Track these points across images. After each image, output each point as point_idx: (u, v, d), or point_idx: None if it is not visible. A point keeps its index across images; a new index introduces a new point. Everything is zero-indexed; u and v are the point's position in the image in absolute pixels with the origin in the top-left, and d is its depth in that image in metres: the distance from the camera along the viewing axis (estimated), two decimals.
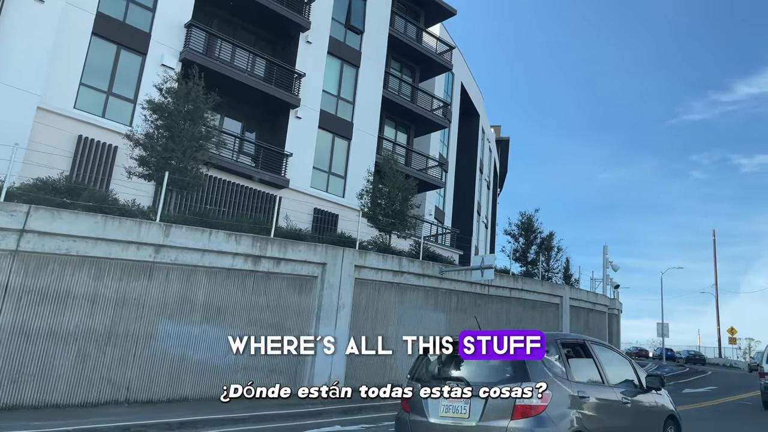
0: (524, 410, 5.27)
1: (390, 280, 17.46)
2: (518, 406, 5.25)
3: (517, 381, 5.42)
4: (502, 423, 5.26)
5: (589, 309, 28.85)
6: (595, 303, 29.66)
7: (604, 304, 31.23)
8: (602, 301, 31.05)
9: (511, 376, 5.50)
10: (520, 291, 22.67)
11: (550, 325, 24.64)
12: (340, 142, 24.32)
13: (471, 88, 37.74)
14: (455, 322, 19.57)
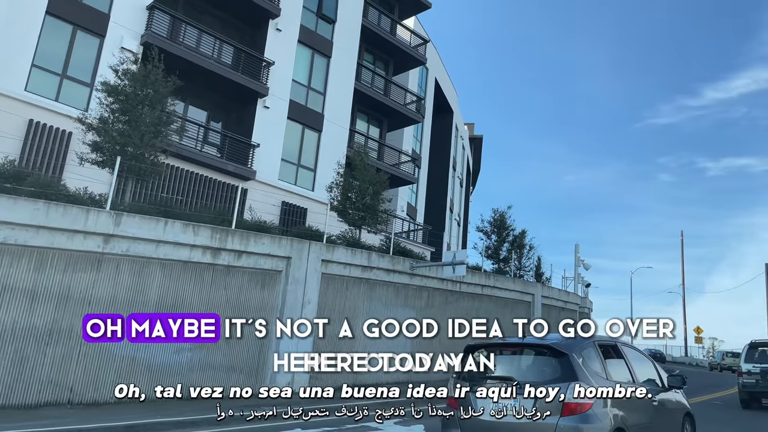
0: (573, 408, 5.50)
1: (359, 276, 16.68)
2: (567, 404, 5.48)
3: (565, 380, 5.67)
4: (552, 420, 5.48)
5: (560, 307, 28.43)
6: (567, 301, 29.27)
7: (575, 302, 30.88)
8: (573, 300, 30.69)
9: (560, 375, 5.77)
10: (492, 288, 22.07)
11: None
12: (310, 133, 23.43)
13: (445, 84, 37.12)
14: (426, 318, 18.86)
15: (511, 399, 5.72)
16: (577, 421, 5.52)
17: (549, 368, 6.00)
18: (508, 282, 23.24)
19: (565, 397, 5.57)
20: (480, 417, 5.90)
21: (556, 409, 5.57)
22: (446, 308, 19.73)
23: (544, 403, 5.59)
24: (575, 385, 5.64)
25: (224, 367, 13.16)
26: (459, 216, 42.50)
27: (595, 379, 5.92)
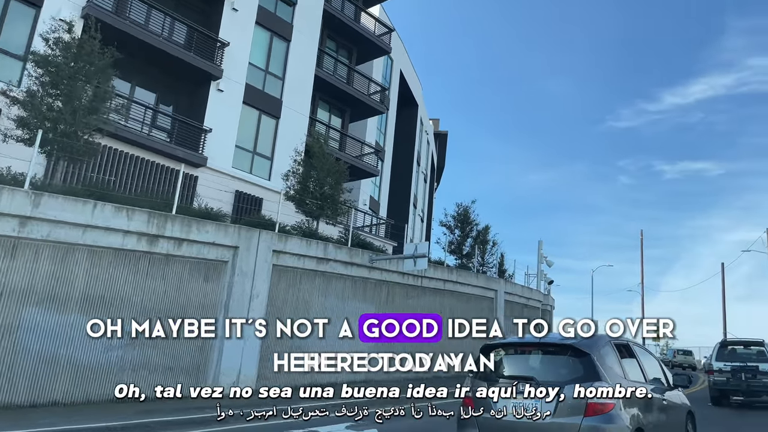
0: (596, 408, 5.38)
1: (314, 268, 15.51)
2: (591, 404, 5.37)
3: (588, 380, 5.54)
4: (575, 420, 5.38)
5: (523, 304, 27.72)
6: (530, 298, 28.59)
7: (538, 299, 30.24)
8: (536, 297, 30.05)
9: (582, 375, 5.63)
10: (454, 284, 21.14)
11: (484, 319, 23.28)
12: (267, 120, 22.12)
13: (410, 77, 36.12)
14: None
15: (532, 399, 5.58)
16: (600, 422, 5.39)
17: (570, 368, 5.86)
18: (471, 277, 22.35)
19: (588, 397, 5.43)
20: (499, 417, 5.72)
21: (579, 409, 5.44)
22: (407, 304, 18.71)
23: (566, 404, 5.46)
24: (599, 385, 5.51)
25: (161, 367, 11.86)
26: (423, 212, 41.61)
27: (615, 379, 5.77)
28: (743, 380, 14.87)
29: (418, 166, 38.91)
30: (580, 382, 5.54)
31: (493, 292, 24.00)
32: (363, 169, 26.60)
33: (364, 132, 29.35)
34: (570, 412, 5.46)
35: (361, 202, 28.70)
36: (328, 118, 26.83)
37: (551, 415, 5.49)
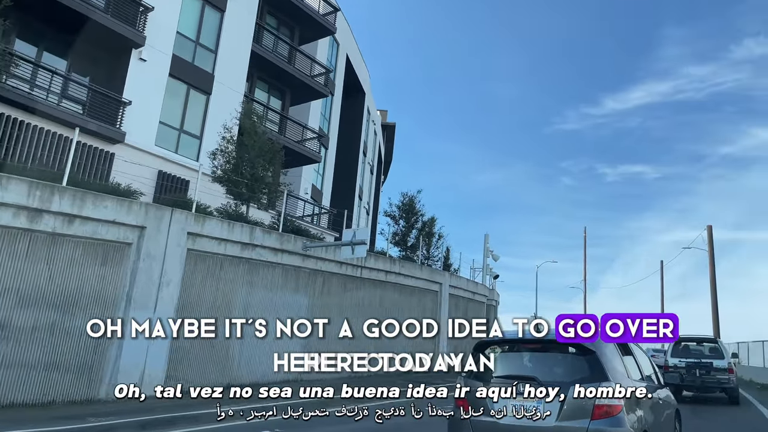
0: (604, 410, 4.93)
1: (238, 255, 13.70)
2: (598, 406, 4.91)
3: (594, 380, 5.09)
4: (582, 423, 4.92)
5: (468, 298, 26.51)
6: (475, 292, 27.41)
7: (483, 294, 29.12)
8: (482, 291, 28.91)
9: (589, 375, 5.16)
10: (396, 275, 19.64)
11: (428, 313, 21.86)
12: (196, 96, 20.07)
13: (357, 63, 34.47)
14: (320, 307, 16.13)
15: (534, 400, 5.11)
16: (608, 425, 4.92)
17: (574, 367, 5.37)
18: (414, 269, 20.91)
19: (596, 398, 4.96)
20: (497, 419, 5.27)
21: (585, 411, 4.98)
22: (345, 296, 17.09)
23: (571, 405, 5.00)
24: (606, 385, 5.03)
25: (42, 365, 9.86)
26: (368, 204, 40.04)
27: (619, 378, 5.27)
28: (698, 376, 14.87)
29: (364, 157, 37.32)
30: (585, 382, 5.05)
31: (437, 285, 22.64)
32: (304, 154, 24.86)
33: (307, 116, 27.51)
34: (575, 414, 4.98)
35: (303, 191, 26.91)
36: (267, 99, 24.91)
37: (555, 418, 5.02)
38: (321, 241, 18.52)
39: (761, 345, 23.20)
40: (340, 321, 14.20)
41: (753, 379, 23.16)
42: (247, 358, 13.64)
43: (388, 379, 6.30)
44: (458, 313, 25.12)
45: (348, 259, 16.25)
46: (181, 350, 11.94)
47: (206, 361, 12.45)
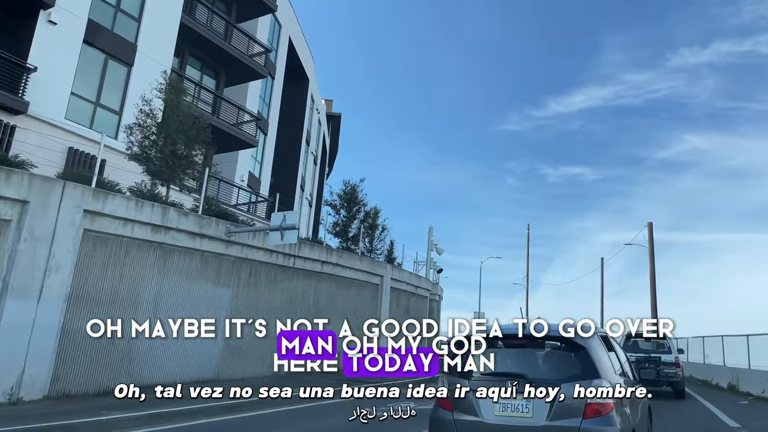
0: (596, 409, 4.64)
1: (148, 238, 11.96)
2: (590, 404, 4.62)
3: (585, 378, 4.78)
4: (573, 423, 4.62)
5: (411, 292, 25.31)
6: (418, 286, 26.23)
7: (426, 288, 27.99)
8: (425, 285, 27.77)
9: (580, 372, 4.85)
10: (334, 266, 18.18)
11: (367, 307, 20.52)
12: (116, 67, 18.05)
13: (301, 48, 32.78)
14: (246, 300, 14.52)
15: (523, 399, 4.76)
16: (601, 424, 4.63)
17: (566, 364, 5.07)
18: (354, 260, 19.49)
19: (588, 396, 4.63)
20: (483, 419, 4.91)
21: (577, 410, 4.66)
22: (275, 287, 15.53)
23: (563, 404, 4.66)
24: (600, 383, 4.74)
25: None
26: (311, 196, 38.38)
27: (608, 375, 4.99)
28: (648, 370, 14.36)
29: (307, 146, 35.64)
30: (577, 380, 4.78)
31: (378, 278, 21.31)
32: (240, 138, 23.12)
33: (245, 99, 25.65)
34: (566, 413, 4.70)
35: (239, 178, 25.09)
36: (200, 77, 23.00)
37: (545, 417, 4.74)
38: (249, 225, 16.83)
39: (701, 341, 22.93)
40: (270, 316, 12.68)
41: (693, 375, 22.85)
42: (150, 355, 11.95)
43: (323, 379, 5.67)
44: (400, 308, 23.87)
45: (278, 246, 14.71)
46: (71, 347, 10.16)
47: (103, 360, 10.69)
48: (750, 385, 17.46)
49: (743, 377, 18.26)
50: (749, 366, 18.26)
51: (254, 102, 26.50)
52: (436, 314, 33.49)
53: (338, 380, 5.76)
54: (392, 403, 5.50)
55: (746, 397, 16.77)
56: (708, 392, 18.29)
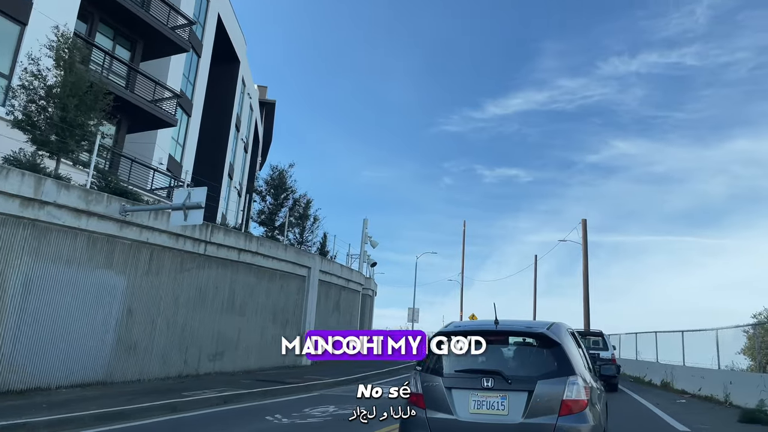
0: (571, 406, 4.51)
1: (16, 214, 9.85)
2: (566, 401, 4.51)
3: (561, 374, 4.64)
4: (550, 420, 4.48)
5: (342, 286, 23.71)
6: (350, 280, 24.65)
7: (359, 282, 26.45)
8: (357, 279, 26.22)
9: (556, 369, 4.69)
10: (254, 255, 16.36)
11: (291, 302, 18.77)
12: (6, 24, 15.61)
13: (232, 28, 30.60)
14: (145, 291, 12.53)
15: (498, 396, 4.62)
16: (576, 421, 4.48)
17: (541, 360, 4.89)
18: (277, 249, 17.71)
19: (564, 394, 4.51)
20: (457, 418, 4.69)
21: (553, 407, 4.50)
22: (182, 277, 13.60)
23: (539, 401, 4.53)
24: (575, 380, 4.60)
25: None
26: (241, 185, 36.14)
27: (583, 372, 4.83)
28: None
29: (237, 132, 33.44)
30: (552, 377, 4.60)
31: (305, 269, 19.60)
32: (157, 116, 20.91)
33: (166, 75, 23.41)
34: (542, 411, 4.50)
35: (157, 160, 22.77)
36: (112, 47, 20.61)
37: (521, 415, 4.54)
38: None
39: (634, 337, 22.44)
40: (175, 309, 10.62)
41: (625, 371, 22.31)
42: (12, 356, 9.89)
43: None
44: (329, 302, 22.23)
45: (185, 229, 12.82)
46: None
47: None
48: (685, 383, 16.84)
49: (678, 374, 17.65)
50: (684, 363, 17.69)
51: (176, 79, 24.23)
52: (369, 310, 32.02)
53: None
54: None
55: (682, 395, 16.11)
56: (642, 389, 17.60)
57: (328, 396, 12.81)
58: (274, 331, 17.63)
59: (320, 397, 12.68)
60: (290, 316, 18.69)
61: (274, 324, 17.62)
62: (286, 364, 18.50)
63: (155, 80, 21.33)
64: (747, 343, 22.99)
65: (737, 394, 13.26)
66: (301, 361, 19.16)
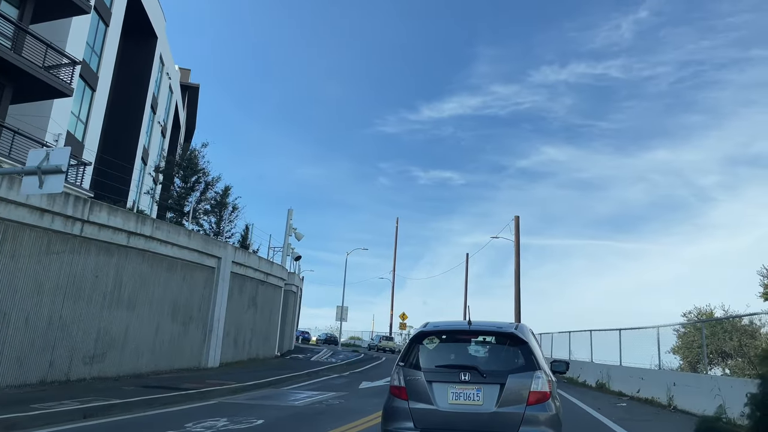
0: (538, 397, 5.00)
1: None
2: (532, 392, 5.01)
3: (528, 369, 5.16)
4: (519, 409, 4.97)
5: (260, 280, 21.35)
6: (269, 274, 22.30)
7: (280, 276, 24.10)
8: (279, 273, 23.88)
9: (523, 365, 5.23)
10: (148, 240, 13.87)
11: (196, 296, 16.31)
12: None
13: (149, 1, 27.67)
14: None
15: (474, 388, 5.07)
16: (540, 410, 4.99)
17: (510, 357, 5.33)
18: (178, 235, 15.23)
19: (531, 386, 5.01)
20: (437, 408, 5.11)
21: (522, 398, 4.98)
22: (48, 262, 11.01)
23: (510, 393, 5.00)
24: (540, 374, 5.10)
25: None
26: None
27: (545, 367, 5.34)
28: None
29: (153, 114, 30.40)
30: (521, 371, 5.13)
31: (214, 260, 17.18)
32: (49, 83, 18.02)
33: (65, 42, 20.44)
34: (512, 401, 4.99)
35: (51, 137, 19.82)
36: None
37: (494, 404, 5.00)
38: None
39: (567, 336, 21.28)
40: (39, 300, 8.09)
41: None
42: None
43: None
44: (243, 297, 19.84)
45: (49, 201, 10.28)
46: None
47: None
48: (622, 384, 15.60)
49: (614, 375, 16.42)
50: (620, 363, 16.48)
51: (78, 47, 21.25)
52: (293, 307, 29.70)
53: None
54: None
55: (620, 397, 14.82)
56: (578, 391, 16.26)
57: (227, 405, 10.61)
58: (174, 329, 15.17)
59: (216, 406, 10.46)
60: (195, 311, 16.24)
61: (174, 320, 15.15)
62: (189, 366, 16.06)
63: (47, 42, 18.37)
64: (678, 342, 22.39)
65: (683, 397, 11.97)
66: (207, 362, 16.75)
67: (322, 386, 15.19)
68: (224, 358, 18.05)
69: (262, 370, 17.69)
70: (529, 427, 4.88)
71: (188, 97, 38.58)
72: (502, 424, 4.91)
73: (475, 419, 4.97)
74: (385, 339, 51.99)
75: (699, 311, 23.18)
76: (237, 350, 19.46)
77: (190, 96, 38.76)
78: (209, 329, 16.90)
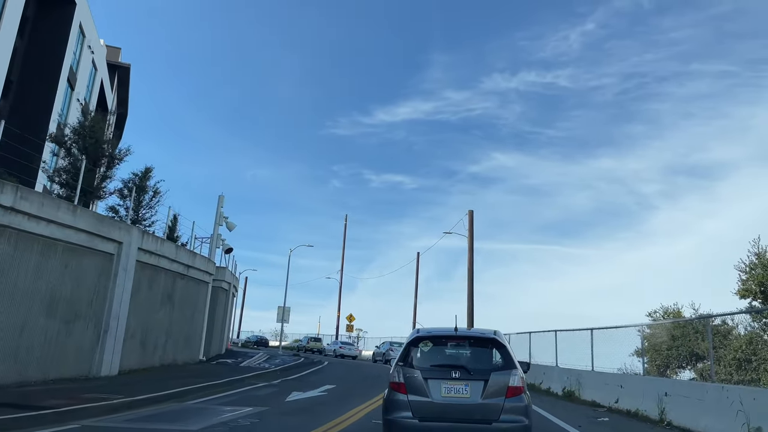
0: (514, 391, 5.91)
1: None
2: (510, 387, 5.91)
3: (507, 368, 6.09)
4: (499, 401, 5.86)
5: (179, 273, 18.00)
6: (190, 266, 18.93)
7: (206, 270, 20.74)
8: (204, 267, 20.53)
9: (503, 365, 6.17)
10: (8, 212, 10.51)
11: (86, 288, 12.88)
12: None
13: None
14: None
15: (463, 383, 5.96)
16: (516, 401, 5.87)
17: (492, 358, 6.35)
18: (58, 211, 11.82)
19: (510, 382, 5.92)
20: (432, 400, 5.97)
21: (501, 391, 5.89)
22: None
23: (492, 388, 5.90)
24: (516, 372, 6.03)
25: None
26: None
27: (519, 366, 6.25)
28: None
29: (71, 90, 26.54)
30: (501, 370, 6.06)
31: (113, 244, 13.83)
32: None
33: None
34: (494, 394, 5.87)
35: None
36: None
37: (479, 397, 5.86)
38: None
39: (527, 337, 18.78)
40: None
41: None
42: None
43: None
44: (155, 292, 16.46)
45: None
46: None
47: None
48: (595, 393, 13.09)
49: (585, 382, 13.89)
50: (593, 368, 14.01)
51: None
52: (225, 307, 26.28)
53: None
54: None
55: (595, 408, 12.27)
56: (543, 400, 13.65)
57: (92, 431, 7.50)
58: (51, 328, 11.78)
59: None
60: (83, 307, 12.86)
61: (51, 317, 11.77)
62: (75, 375, 12.69)
63: None
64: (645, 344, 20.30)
65: (680, 410, 9.45)
66: (101, 369, 13.37)
67: (239, 399, 12.09)
68: (126, 365, 14.67)
69: (173, 378, 14.43)
70: (508, 415, 5.82)
71: (118, 79, 34.63)
72: (487, 413, 5.84)
73: (464, 409, 5.91)
74: (313, 340, 53.61)
75: (665, 311, 21.18)
76: (145, 355, 16.07)
77: (120, 77, 34.81)
78: (104, 329, 13.52)
